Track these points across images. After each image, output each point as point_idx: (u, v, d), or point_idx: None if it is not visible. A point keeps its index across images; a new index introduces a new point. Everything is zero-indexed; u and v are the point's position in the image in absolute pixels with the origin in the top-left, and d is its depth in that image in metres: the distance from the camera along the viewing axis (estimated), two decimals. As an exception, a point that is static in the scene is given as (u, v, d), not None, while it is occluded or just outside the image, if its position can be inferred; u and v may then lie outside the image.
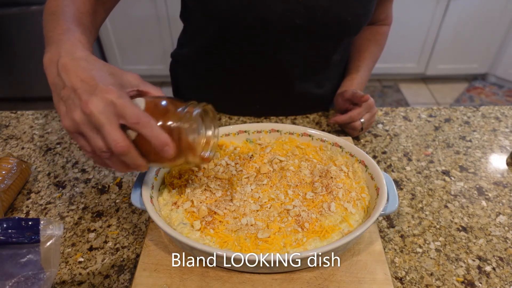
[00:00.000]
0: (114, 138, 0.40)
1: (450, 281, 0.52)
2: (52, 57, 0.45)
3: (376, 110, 0.78)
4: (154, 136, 0.41)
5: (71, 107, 0.41)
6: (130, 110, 0.41)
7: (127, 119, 0.41)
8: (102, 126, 0.40)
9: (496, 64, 2.70)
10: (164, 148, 0.42)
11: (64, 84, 0.42)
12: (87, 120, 0.40)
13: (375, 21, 0.90)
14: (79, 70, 0.42)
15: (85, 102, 0.40)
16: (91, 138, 0.41)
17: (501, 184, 0.69)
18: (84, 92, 0.41)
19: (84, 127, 0.41)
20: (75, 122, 0.41)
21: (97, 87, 0.41)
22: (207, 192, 0.55)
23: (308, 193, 0.55)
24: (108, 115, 0.40)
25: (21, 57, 2.32)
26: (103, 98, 0.40)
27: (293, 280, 0.49)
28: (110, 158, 0.43)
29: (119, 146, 0.41)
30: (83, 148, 0.44)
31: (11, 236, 0.43)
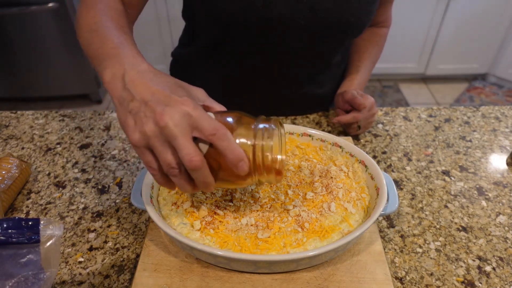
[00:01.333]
0: (189, 151, 0.38)
1: (450, 281, 0.52)
2: (114, 71, 0.43)
3: (376, 110, 0.78)
4: (230, 149, 0.39)
5: (142, 120, 0.39)
6: (208, 121, 0.38)
7: (204, 131, 0.38)
8: (176, 138, 0.38)
9: (496, 64, 2.70)
10: (239, 164, 0.39)
11: (133, 97, 0.40)
12: (160, 133, 0.38)
13: (375, 23, 0.90)
14: (149, 83, 0.40)
15: (160, 114, 0.38)
16: (161, 153, 0.39)
17: (501, 184, 0.69)
18: (157, 104, 0.39)
19: (155, 141, 0.39)
20: (145, 136, 0.39)
21: (170, 98, 0.39)
22: (207, 192, 0.55)
23: (308, 193, 0.55)
24: (183, 127, 0.38)
25: (21, 57, 2.32)
26: (178, 109, 0.38)
27: (293, 280, 0.49)
28: (177, 175, 0.41)
29: (194, 160, 0.38)
30: (148, 164, 0.41)
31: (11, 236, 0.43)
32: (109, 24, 0.52)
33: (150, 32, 2.48)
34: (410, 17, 2.41)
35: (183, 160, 0.38)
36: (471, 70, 2.78)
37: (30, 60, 2.33)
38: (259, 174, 0.43)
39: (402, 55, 2.65)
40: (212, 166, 0.41)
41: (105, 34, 0.50)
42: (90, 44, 0.51)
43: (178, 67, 0.96)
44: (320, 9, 0.69)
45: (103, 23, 0.52)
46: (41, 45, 2.27)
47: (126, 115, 0.40)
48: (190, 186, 0.42)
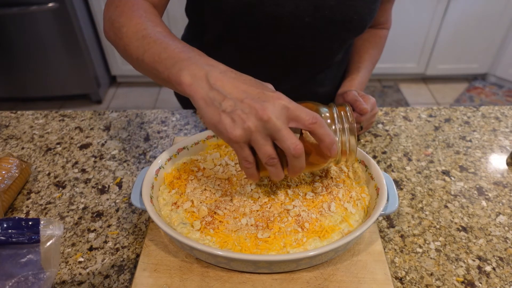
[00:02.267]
0: (294, 141, 0.41)
1: (450, 281, 0.52)
2: (194, 73, 0.44)
3: (377, 110, 0.78)
4: (327, 134, 0.43)
5: (241, 117, 0.41)
6: (304, 112, 0.42)
7: (304, 121, 0.42)
8: (280, 130, 0.41)
9: (496, 64, 2.70)
10: (333, 147, 0.44)
11: (225, 97, 0.42)
12: (262, 127, 0.41)
13: (375, 24, 0.90)
14: (235, 82, 0.43)
15: (262, 109, 0.40)
16: (262, 146, 0.42)
17: (501, 184, 0.69)
18: (253, 100, 0.41)
19: (257, 135, 0.41)
20: (249, 131, 0.41)
21: (264, 94, 0.42)
22: (207, 192, 0.55)
23: (308, 193, 0.55)
24: (283, 120, 0.41)
25: (21, 57, 2.32)
26: (277, 104, 0.41)
27: (293, 280, 0.49)
28: (276, 164, 0.44)
29: (299, 148, 0.42)
30: (245, 159, 0.44)
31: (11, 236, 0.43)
32: (159, 29, 0.52)
33: (150, 32, 2.47)
34: (410, 17, 2.41)
35: (288, 149, 0.42)
36: (471, 70, 2.77)
37: (30, 60, 2.33)
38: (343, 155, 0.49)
39: (402, 55, 2.65)
40: None
41: (161, 39, 0.50)
42: (147, 50, 0.50)
43: None
44: (324, 7, 0.69)
45: (153, 28, 0.52)
46: (41, 45, 2.27)
47: (220, 114, 0.42)
48: (282, 174, 0.46)
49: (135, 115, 0.88)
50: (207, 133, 0.64)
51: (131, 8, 0.56)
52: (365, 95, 0.77)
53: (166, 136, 0.81)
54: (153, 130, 0.83)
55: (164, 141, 0.79)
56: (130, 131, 0.82)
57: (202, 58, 0.47)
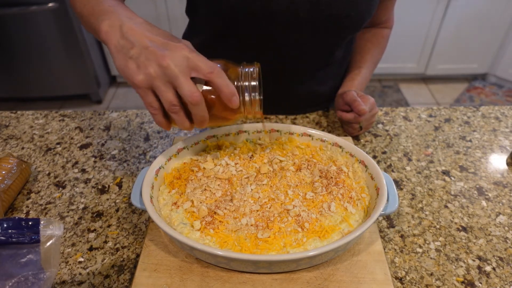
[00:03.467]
0: (190, 88, 0.43)
1: (450, 281, 0.52)
2: (112, 23, 0.48)
3: (377, 110, 0.78)
4: (225, 85, 0.44)
5: (144, 63, 0.44)
6: (204, 62, 0.44)
7: (202, 70, 0.44)
8: (177, 78, 0.43)
9: (496, 64, 2.70)
10: (232, 98, 0.45)
11: (133, 45, 0.45)
12: (162, 73, 0.43)
13: (377, 23, 0.90)
14: (146, 32, 0.45)
15: (162, 56, 0.43)
16: (164, 92, 0.44)
17: (501, 184, 0.69)
18: (157, 48, 0.44)
19: (157, 81, 0.44)
20: (150, 76, 0.44)
21: (168, 43, 0.44)
22: (207, 192, 0.55)
23: (308, 193, 0.55)
24: (183, 68, 0.43)
25: (21, 57, 2.32)
26: (178, 53, 0.44)
27: (293, 280, 0.49)
28: (178, 112, 0.46)
29: (195, 96, 0.43)
30: (150, 105, 0.46)
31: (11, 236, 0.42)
32: None
33: (150, 32, 2.47)
34: (410, 17, 2.41)
35: (185, 96, 0.44)
36: (471, 70, 2.78)
37: (30, 60, 2.33)
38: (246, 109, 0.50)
39: (402, 55, 2.65)
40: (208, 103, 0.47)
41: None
42: (85, 5, 0.55)
43: None
44: (320, 2, 0.69)
45: None
46: (41, 45, 2.27)
47: (127, 60, 0.45)
48: (188, 122, 0.48)
49: (135, 115, 0.88)
50: (207, 133, 0.64)
51: None
52: (365, 95, 0.77)
53: (166, 136, 0.81)
54: (153, 130, 0.83)
55: (164, 141, 0.79)
56: (130, 131, 0.82)
57: (125, 12, 0.50)
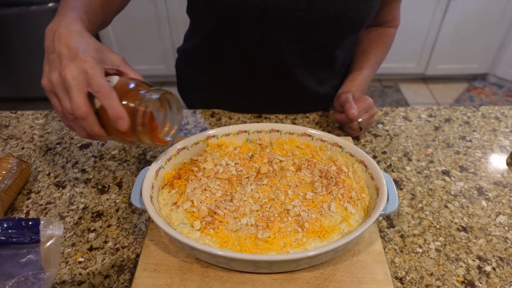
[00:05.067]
0: (77, 102, 0.45)
1: (450, 281, 0.52)
2: (53, 26, 0.51)
3: (375, 110, 0.78)
4: (111, 106, 0.46)
5: (52, 69, 0.47)
6: (96, 80, 0.45)
7: (92, 87, 0.46)
8: (70, 89, 0.45)
9: (496, 64, 2.70)
10: (118, 121, 0.46)
11: (54, 50, 0.48)
12: (61, 82, 0.46)
13: (382, 22, 0.89)
14: (69, 40, 0.47)
15: (64, 66, 0.45)
16: (61, 100, 0.47)
17: (501, 184, 0.69)
18: (66, 58, 0.46)
19: (57, 88, 0.46)
20: (51, 82, 0.47)
21: (77, 56, 0.46)
22: (207, 192, 0.55)
23: (308, 193, 0.55)
24: (78, 82, 0.45)
25: (21, 57, 2.32)
26: (78, 66, 0.45)
27: (293, 280, 0.49)
28: (74, 121, 0.48)
29: (80, 111, 0.45)
30: (55, 107, 0.49)
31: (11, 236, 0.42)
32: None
33: (150, 32, 2.48)
34: (410, 17, 2.41)
35: (72, 109, 0.46)
36: (471, 70, 2.77)
37: (30, 60, 2.33)
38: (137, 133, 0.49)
39: (402, 55, 2.65)
40: (103, 120, 0.48)
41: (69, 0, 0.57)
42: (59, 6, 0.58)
43: (183, 63, 0.97)
44: (317, 2, 0.69)
45: None
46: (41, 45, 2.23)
47: (46, 63, 0.49)
48: (84, 133, 0.49)
49: (135, 115, 0.88)
50: (207, 133, 0.64)
51: None
52: (362, 96, 0.77)
53: (166, 136, 0.81)
54: (153, 130, 0.83)
55: (164, 141, 0.79)
56: (130, 131, 0.82)
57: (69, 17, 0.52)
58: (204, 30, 0.83)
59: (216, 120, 0.85)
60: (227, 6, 0.70)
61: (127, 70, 0.52)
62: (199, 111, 0.88)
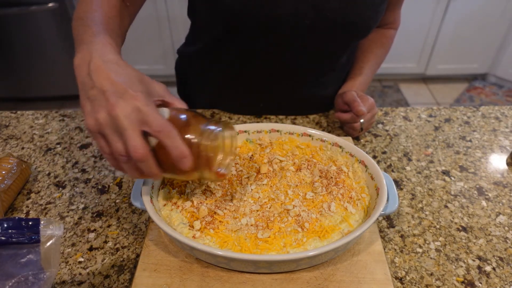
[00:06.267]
0: (134, 144, 0.41)
1: (450, 281, 0.52)
2: (83, 57, 0.46)
3: (376, 110, 0.78)
4: (174, 146, 0.42)
5: (96, 108, 0.42)
6: (155, 118, 0.41)
7: (151, 127, 0.41)
8: (125, 130, 0.41)
9: (496, 64, 2.70)
10: (182, 160, 0.43)
11: (94, 85, 0.43)
12: (111, 122, 0.41)
13: (383, 24, 0.89)
14: (110, 73, 0.43)
15: (112, 105, 0.41)
16: (112, 141, 0.42)
17: (501, 184, 0.69)
18: (113, 94, 0.41)
19: (106, 129, 0.42)
20: (98, 122, 0.42)
21: (126, 91, 0.42)
22: (207, 192, 0.55)
23: (308, 193, 0.55)
24: (132, 121, 0.41)
25: (21, 57, 2.32)
26: (130, 104, 0.41)
27: (293, 280, 0.49)
28: (127, 163, 0.44)
29: (139, 153, 0.41)
30: (101, 149, 0.44)
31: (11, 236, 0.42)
32: (96, 14, 0.55)
33: (150, 32, 2.48)
34: (410, 17, 2.41)
35: (129, 151, 0.41)
36: (471, 70, 2.77)
37: (30, 60, 2.33)
38: (201, 170, 0.46)
39: (402, 55, 2.65)
40: (161, 158, 0.44)
41: (88, 23, 0.53)
42: (74, 31, 0.54)
43: (182, 65, 0.97)
44: (325, 9, 0.68)
45: (92, 13, 0.55)
46: (41, 45, 2.27)
47: (85, 100, 0.44)
48: (138, 173, 0.45)
49: (135, 115, 0.88)
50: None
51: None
52: (364, 95, 0.77)
53: (166, 136, 0.81)
54: (153, 130, 0.82)
55: (164, 141, 0.79)
56: (130, 131, 0.82)
57: (100, 44, 0.48)
58: (208, 36, 0.82)
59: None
60: (233, 14, 0.69)
61: (173, 100, 0.48)
62: (199, 111, 0.88)
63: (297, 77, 0.83)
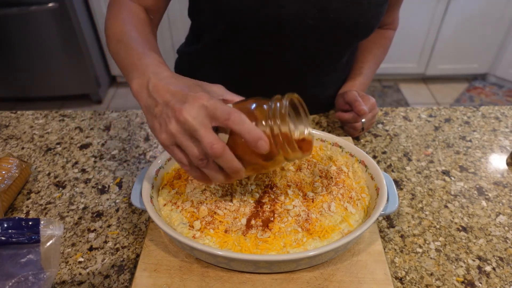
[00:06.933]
0: (208, 140, 0.40)
1: (450, 281, 0.52)
2: (141, 82, 0.47)
3: (377, 110, 0.78)
4: (246, 130, 0.41)
5: (165, 121, 0.42)
6: (221, 109, 0.41)
7: (219, 118, 0.41)
8: (196, 131, 0.40)
9: (496, 64, 2.70)
10: (258, 143, 0.41)
11: (157, 102, 0.43)
12: (182, 129, 0.41)
13: (382, 24, 0.89)
14: (169, 86, 0.44)
15: (179, 111, 0.41)
16: (188, 147, 0.42)
17: (501, 184, 0.69)
18: (177, 103, 0.42)
19: (180, 137, 0.42)
20: (171, 134, 0.42)
21: (187, 95, 0.42)
22: (207, 192, 0.55)
23: (308, 193, 0.55)
24: (201, 119, 0.41)
25: (21, 57, 2.32)
26: (194, 104, 0.41)
27: (293, 280, 0.49)
28: (207, 166, 0.43)
29: (215, 148, 0.40)
30: (180, 161, 0.44)
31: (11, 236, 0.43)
32: (133, 33, 0.56)
33: (150, 32, 2.47)
34: (410, 17, 2.41)
35: (206, 149, 0.41)
36: (471, 70, 2.77)
37: (30, 60, 2.33)
38: (283, 151, 0.44)
39: (402, 55, 2.65)
40: (238, 154, 0.43)
41: (130, 44, 0.54)
42: (117, 54, 0.55)
43: (182, 65, 0.96)
44: (329, 9, 0.68)
45: (128, 33, 0.56)
46: (41, 45, 2.27)
47: (153, 119, 0.44)
48: (222, 175, 0.44)
49: (135, 115, 0.88)
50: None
51: (118, 10, 0.61)
52: (365, 95, 0.77)
53: (166, 136, 0.81)
54: (153, 130, 0.82)
55: (164, 141, 0.79)
56: (130, 131, 0.82)
57: (152, 65, 0.48)
58: (209, 36, 0.81)
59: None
60: (236, 15, 0.69)
61: (232, 97, 0.48)
62: None
63: (299, 78, 0.82)
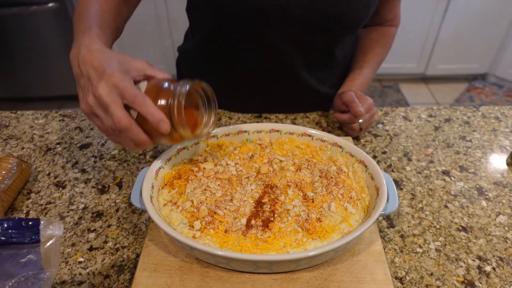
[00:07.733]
0: (117, 116, 0.46)
1: (450, 281, 0.52)
2: (75, 52, 0.52)
3: (375, 110, 0.78)
4: (148, 113, 0.47)
5: (85, 93, 0.49)
6: (128, 91, 0.46)
7: (126, 99, 0.47)
8: (108, 106, 0.46)
9: (496, 64, 2.70)
10: (159, 124, 0.47)
11: (82, 74, 0.49)
12: (98, 102, 0.47)
13: (383, 21, 0.89)
14: (93, 60, 0.48)
15: (95, 87, 0.47)
16: (103, 118, 0.48)
17: (501, 184, 0.69)
18: (95, 78, 0.47)
19: (96, 109, 0.48)
20: (89, 105, 0.48)
21: (104, 72, 0.47)
22: (207, 192, 0.55)
23: (308, 193, 0.55)
24: (112, 97, 0.46)
25: (21, 57, 2.32)
26: (108, 83, 0.46)
27: (293, 280, 0.49)
28: (120, 136, 0.49)
29: (122, 123, 0.46)
30: (99, 127, 0.50)
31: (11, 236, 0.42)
32: (92, 8, 0.60)
33: (150, 32, 2.47)
34: (410, 17, 2.41)
35: (114, 124, 0.47)
36: (471, 70, 2.78)
37: (30, 60, 2.33)
38: (178, 130, 0.49)
39: (402, 55, 2.65)
40: (145, 127, 0.49)
41: (83, 18, 0.58)
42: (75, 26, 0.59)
43: (183, 62, 0.97)
44: (316, 1, 0.68)
45: (88, 7, 0.60)
46: (41, 45, 2.27)
47: (79, 88, 0.51)
48: (132, 144, 0.50)
49: (135, 115, 0.88)
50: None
51: None
52: (363, 96, 0.77)
53: (166, 136, 0.81)
54: (153, 130, 0.82)
55: (164, 141, 0.79)
56: (130, 131, 0.82)
57: (87, 37, 0.53)
58: (203, 30, 0.83)
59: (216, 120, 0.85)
60: (223, 5, 0.70)
61: (154, 73, 0.52)
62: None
63: (292, 69, 0.82)
